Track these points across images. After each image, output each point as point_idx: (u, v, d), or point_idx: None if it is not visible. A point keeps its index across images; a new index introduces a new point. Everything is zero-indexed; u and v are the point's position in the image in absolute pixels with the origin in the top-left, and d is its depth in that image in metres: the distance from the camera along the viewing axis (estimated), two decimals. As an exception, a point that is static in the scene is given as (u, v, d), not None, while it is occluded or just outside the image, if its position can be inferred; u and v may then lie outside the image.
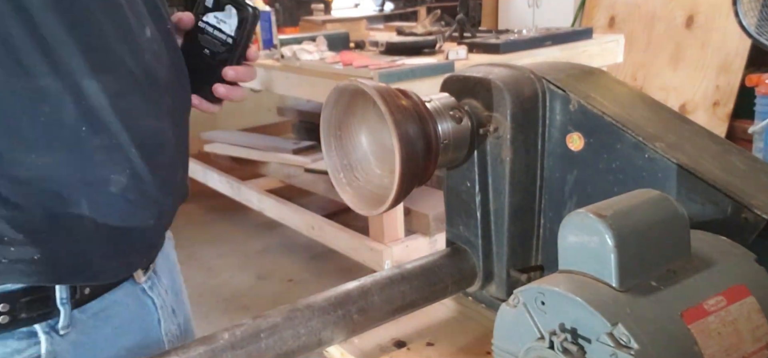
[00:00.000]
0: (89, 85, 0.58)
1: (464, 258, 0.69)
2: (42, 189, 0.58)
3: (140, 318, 0.71)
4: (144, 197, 0.64)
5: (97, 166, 0.60)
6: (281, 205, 2.61)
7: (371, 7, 5.23)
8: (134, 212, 0.64)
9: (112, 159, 0.60)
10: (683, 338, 0.41)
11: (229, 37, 0.74)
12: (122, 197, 0.62)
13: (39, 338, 0.61)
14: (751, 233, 0.52)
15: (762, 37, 1.88)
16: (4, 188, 0.57)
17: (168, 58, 0.67)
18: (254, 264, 2.80)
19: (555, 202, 0.65)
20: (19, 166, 0.57)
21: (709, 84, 3.28)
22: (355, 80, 0.59)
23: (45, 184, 0.58)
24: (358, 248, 2.21)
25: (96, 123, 0.59)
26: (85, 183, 0.60)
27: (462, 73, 0.66)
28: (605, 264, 0.43)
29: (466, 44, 2.21)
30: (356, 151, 0.65)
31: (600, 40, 2.44)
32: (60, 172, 0.59)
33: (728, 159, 0.59)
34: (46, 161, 0.58)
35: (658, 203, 0.47)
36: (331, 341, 0.60)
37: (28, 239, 0.58)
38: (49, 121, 0.57)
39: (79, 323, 0.64)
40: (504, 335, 0.48)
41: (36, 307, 0.61)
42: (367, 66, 1.95)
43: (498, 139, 0.63)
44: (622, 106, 0.62)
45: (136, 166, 0.62)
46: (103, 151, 0.60)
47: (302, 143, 2.86)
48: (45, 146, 0.57)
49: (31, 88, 0.56)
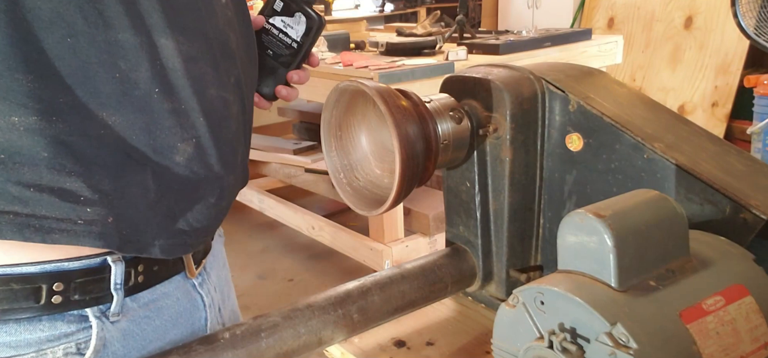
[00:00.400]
0: (166, 44, 0.56)
1: (464, 258, 0.69)
2: (113, 149, 0.55)
3: (189, 313, 0.68)
4: (208, 170, 0.61)
5: (166, 131, 0.57)
6: (282, 205, 2.61)
7: (371, 8, 5.23)
8: (197, 186, 0.61)
9: (180, 125, 0.58)
10: (682, 338, 0.41)
11: (295, 41, 0.77)
12: (187, 167, 0.59)
13: (90, 322, 0.59)
14: (750, 233, 0.52)
15: (760, 38, 1.88)
16: (77, 143, 0.54)
17: (240, 28, 0.67)
18: (255, 264, 2.80)
19: (554, 202, 0.66)
20: (90, 122, 0.54)
21: (707, 85, 3.28)
22: (356, 81, 0.59)
23: (115, 144, 0.55)
24: (358, 248, 2.21)
25: (168, 86, 0.57)
26: (153, 149, 0.57)
27: (462, 74, 0.66)
28: (604, 264, 0.43)
29: (465, 45, 2.21)
30: (356, 152, 0.65)
31: (599, 41, 2.44)
32: (129, 133, 0.56)
33: (727, 159, 0.60)
34: (116, 120, 0.55)
35: (657, 203, 0.47)
36: (331, 340, 0.60)
37: (102, 200, 0.55)
38: (124, 79, 0.55)
39: (130, 312, 0.62)
40: (503, 334, 0.48)
41: (90, 289, 0.58)
42: (367, 67, 1.95)
43: (497, 140, 0.64)
44: (621, 107, 0.62)
45: (201, 137, 0.59)
46: (172, 116, 0.57)
47: (303, 143, 2.87)
48: (117, 104, 0.55)
49: (110, 41, 0.53)
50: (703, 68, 3.30)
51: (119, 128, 0.55)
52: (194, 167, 0.59)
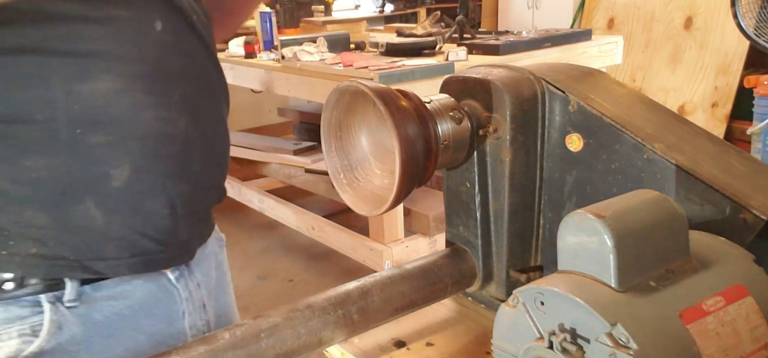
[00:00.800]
0: (82, 89, 0.60)
1: (464, 258, 0.69)
2: (48, 189, 0.60)
3: (163, 304, 0.70)
4: (152, 186, 0.65)
5: (96, 163, 0.61)
6: (282, 205, 2.61)
7: (371, 9, 5.23)
8: (142, 202, 0.65)
9: (111, 154, 0.62)
10: (682, 338, 0.41)
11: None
12: (127, 189, 0.63)
13: (43, 307, 0.62)
14: (750, 234, 0.52)
15: (760, 39, 1.88)
16: (9, 189, 0.59)
17: (182, 48, 0.69)
18: (255, 264, 2.80)
19: (554, 202, 0.66)
20: (19, 169, 0.59)
21: (707, 85, 3.28)
22: (356, 81, 0.59)
23: (49, 184, 0.60)
24: (358, 248, 2.21)
25: (92, 123, 0.61)
26: (86, 181, 0.61)
27: (462, 74, 0.66)
28: (604, 264, 0.43)
29: (465, 45, 2.21)
30: (356, 152, 0.65)
31: (599, 42, 2.44)
32: (60, 173, 0.60)
33: (727, 160, 0.60)
34: (46, 163, 0.59)
35: (657, 203, 0.47)
36: (331, 341, 0.60)
37: (33, 234, 0.60)
38: (45, 128, 0.59)
39: (91, 300, 0.65)
40: (503, 335, 0.48)
41: (43, 278, 0.62)
42: (367, 67, 1.95)
43: (497, 140, 0.64)
44: (621, 107, 0.62)
45: (136, 159, 0.63)
46: (102, 147, 0.61)
47: (303, 144, 2.87)
48: (42, 150, 0.59)
49: (26, 99, 0.58)
50: (703, 68, 3.30)
51: (50, 170, 0.60)
52: (135, 187, 0.64)
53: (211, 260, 0.79)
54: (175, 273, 0.72)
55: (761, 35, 1.88)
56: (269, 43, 2.54)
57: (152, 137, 0.64)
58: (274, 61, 2.38)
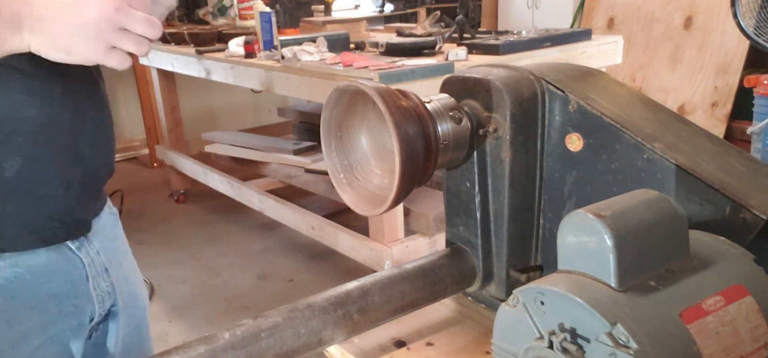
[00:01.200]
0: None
1: (464, 258, 0.69)
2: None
3: (66, 270, 0.79)
4: (43, 174, 0.73)
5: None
6: (282, 205, 2.61)
7: (371, 9, 5.23)
8: (35, 188, 0.73)
9: (1, 148, 0.70)
10: (682, 338, 0.41)
11: None
12: (19, 177, 0.71)
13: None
14: (750, 233, 0.52)
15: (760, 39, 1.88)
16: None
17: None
18: (255, 264, 2.80)
19: (554, 202, 0.66)
20: None
21: (707, 85, 3.28)
22: (356, 81, 0.59)
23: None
24: (358, 248, 2.21)
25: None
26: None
27: (462, 74, 0.66)
28: (604, 264, 0.43)
29: (465, 45, 2.21)
30: (356, 152, 0.65)
31: (599, 41, 2.44)
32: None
33: (727, 160, 0.60)
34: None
35: (656, 203, 0.47)
36: (331, 340, 0.60)
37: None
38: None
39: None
40: (503, 334, 0.48)
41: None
42: (367, 67, 1.95)
43: (497, 140, 0.64)
44: (621, 107, 0.62)
45: (25, 151, 0.71)
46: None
47: (303, 144, 2.87)
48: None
49: None
50: (703, 68, 3.30)
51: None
52: (29, 175, 0.72)
53: (108, 231, 0.88)
54: (75, 243, 0.80)
55: (761, 35, 1.88)
56: (269, 43, 2.54)
57: (39, 132, 0.72)
58: (274, 62, 2.38)
